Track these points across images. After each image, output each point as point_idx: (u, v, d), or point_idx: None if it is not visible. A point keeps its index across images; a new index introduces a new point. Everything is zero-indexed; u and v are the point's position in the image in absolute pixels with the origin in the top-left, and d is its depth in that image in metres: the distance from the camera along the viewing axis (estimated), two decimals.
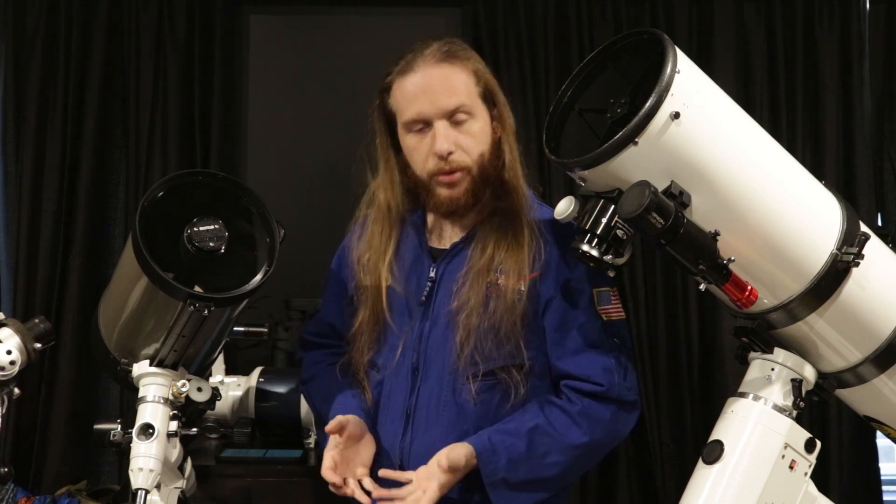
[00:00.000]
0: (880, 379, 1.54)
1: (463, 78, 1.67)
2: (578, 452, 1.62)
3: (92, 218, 2.74)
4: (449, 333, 1.66)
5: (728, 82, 2.63)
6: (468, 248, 1.70)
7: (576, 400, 1.63)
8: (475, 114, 1.67)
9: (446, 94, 1.64)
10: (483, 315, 1.63)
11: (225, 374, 2.41)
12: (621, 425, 1.66)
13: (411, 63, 1.67)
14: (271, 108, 2.95)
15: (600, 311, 1.66)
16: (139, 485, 1.57)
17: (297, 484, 2.19)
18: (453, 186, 1.66)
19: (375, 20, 2.94)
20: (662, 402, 2.72)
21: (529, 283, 1.65)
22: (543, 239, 1.68)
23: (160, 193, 1.59)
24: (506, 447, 1.60)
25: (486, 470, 1.59)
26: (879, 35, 2.81)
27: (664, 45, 1.37)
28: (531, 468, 1.61)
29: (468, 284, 1.66)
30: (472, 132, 1.66)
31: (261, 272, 1.62)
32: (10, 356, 1.75)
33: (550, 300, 1.66)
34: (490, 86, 1.70)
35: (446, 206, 1.69)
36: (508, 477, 1.60)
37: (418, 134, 1.67)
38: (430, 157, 1.65)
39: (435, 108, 1.64)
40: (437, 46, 1.68)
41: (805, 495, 1.49)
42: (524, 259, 1.65)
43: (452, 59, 1.67)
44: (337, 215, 1.88)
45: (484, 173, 1.68)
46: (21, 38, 2.74)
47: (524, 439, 1.61)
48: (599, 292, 1.66)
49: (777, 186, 1.44)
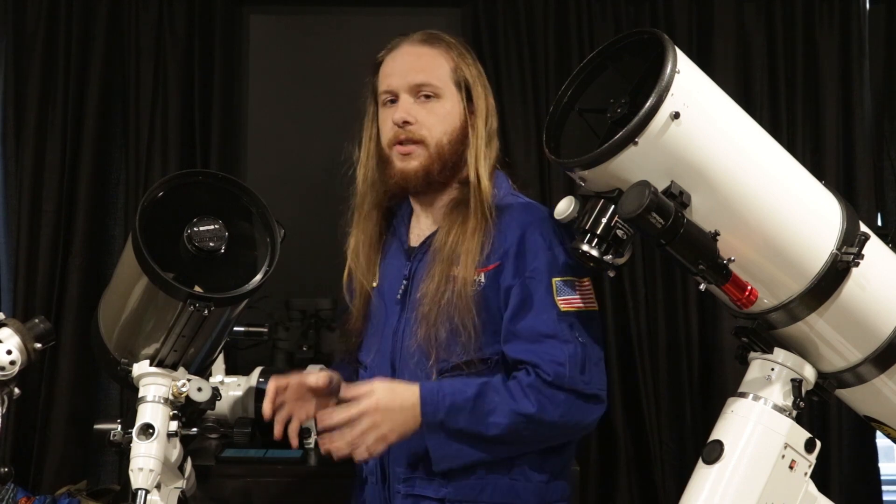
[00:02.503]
0: (880, 379, 1.54)
1: (438, 60, 1.73)
2: (523, 421, 1.59)
3: (92, 218, 2.74)
4: (416, 327, 1.68)
5: (728, 82, 2.62)
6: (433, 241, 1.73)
7: (531, 373, 1.61)
8: (443, 96, 1.71)
9: (415, 70, 1.71)
10: (439, 305, 1.65)
11: (225, 374, 2.41)
12: (577, 412, 1.62)
13: (396, 43, 1.77)
14: (271, 107, 2.95)
15: (559, 300, 1.63)
16: (139, 485, 1.57)
17: (297, 484, 2.19)
18: (406, 159, 1.70)
19: (375, 20, 2.94)
20: (662, 402, 2.71)
21: (490, 273, 1.66)
22: (505, 229, 1.68)
23: (160, 193, 1.59)
24: (452, 391, 1.60)
25: (427, 409, 1.59)
26: (879, 35, 2.81)
27: (664, 45, 1.37)
28: (472, 420, 1.59)
29: (428, 275, 1.68)
30: (437, 112, 1.71)
31: (261, 272, 1.62)
32: (10, 356, 1.75)
33: (510, 289, 1.65)
34: (467, 76, 1.74)
35: (397, 179, 1.72)
36: (447, 421, 1.59)
37: (389, 107, 1.74)
38: (392, 127, 1.71)
39: (402, 82, 1.71)
40: (423, 32, 1.77)
41: (805, 495, 1.49)
42: (478, 249, 1.66)
43: (433, 41, 1.75)
44: (337, 215, 1.88)
45: (441, 155, 1.70)
46: (21, 38, 2.74)
47: (473, 388, 1.60)
48: (560, 281, 1.64)
49: (777, 186, 1.44)
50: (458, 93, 1.72)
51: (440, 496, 1.66)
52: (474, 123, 1.72)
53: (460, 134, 1.72)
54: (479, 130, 1.72)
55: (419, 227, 1.80)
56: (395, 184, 1.73)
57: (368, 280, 1.78)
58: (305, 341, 2.64)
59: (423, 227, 1.79)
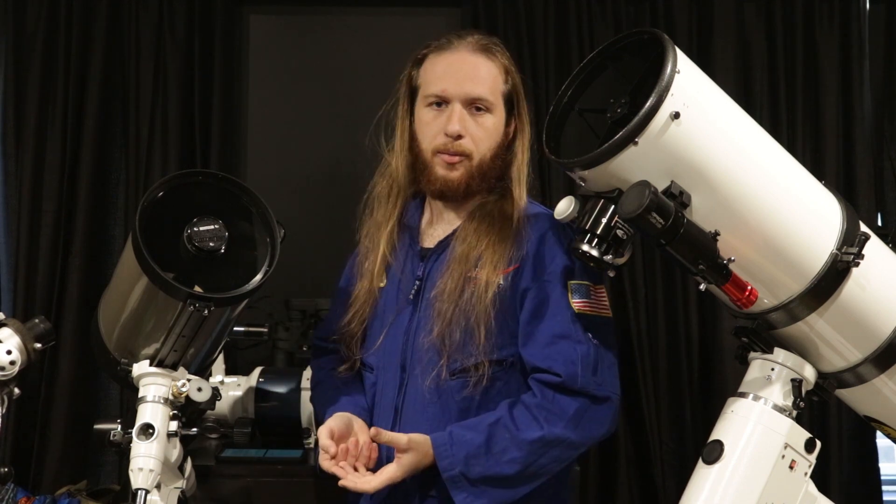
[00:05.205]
0: (880, 379, 1.54)
1: (493, 72, 1.72)
2: (534, 448, 1.58)
3: (92, 218, 2.74)
4: (430, 326, 1.67)
5: (728, 82, 2.63)
6: (452, 243, 1.72)
7: (537, 392, 1.61)
8: (493, 110, 1.71)
9: (473, 81, 1.69)
10: (457, 304, 1.64)
11: (225, 374, 2.41)
12: (589, 422, 1.61)
13: (451, 43, 1.73)
14: (271, 108, 2.95)
15: (573, 303, 1.64)
16: (139, 485, 1.57)
17: (297, 484, 2.19)
18: (451, 168, 1.70)
19: (375, 20, 2.94)
20: (662, 402, 2.72)
21: (508, 276, 1.66)
22: (525, 233, 1.69)
23: (160, 193, 1.59)
24: (464, 441, 1.59)
25: (443, 463, 1.58)
26: (879, 35, 2.81)
27: (664, 45, 1.37)
28: (489, 464, 1.58)
29: (447, 274, 1.68)
30: (486, 125, 1.70)
31: (261, 272, 1.62)
32: (10, 356, 1.75)
33: (526, 290, 1.66)
34: (517, 89, 1.75)
35: (439, 185, 1.71)
36: (466, 472, 1.58)
37: (435, 109, 1.71)
38: (440, 134, 1.69)
39: (458, 91, 1.68)
40: (478, 37, 1.74)
41: (805, 495, 1.49)
42: (504, 253, 1.66)
43: (489, 52, 1.72)
44: (337, 215, 1.88)
45: (483, 168, 1.70)
46: (21, 38, 2.74)
47: (483, 433, 1.59)
48: (575, 285, 1.65)
49: (777, 186, 1.44)
50: (503, 106, 1.73)
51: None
52: (522, 139, 1.74)
53: (501, 148, 1.73)
54: (525, 145, 1.74)
55: (433, 228, 1.79)
56: (436, 189, 1.72)
57: (377, 280, 1.76)
58: (305, 341, 2.64)
59: (439, 229, 1.78)
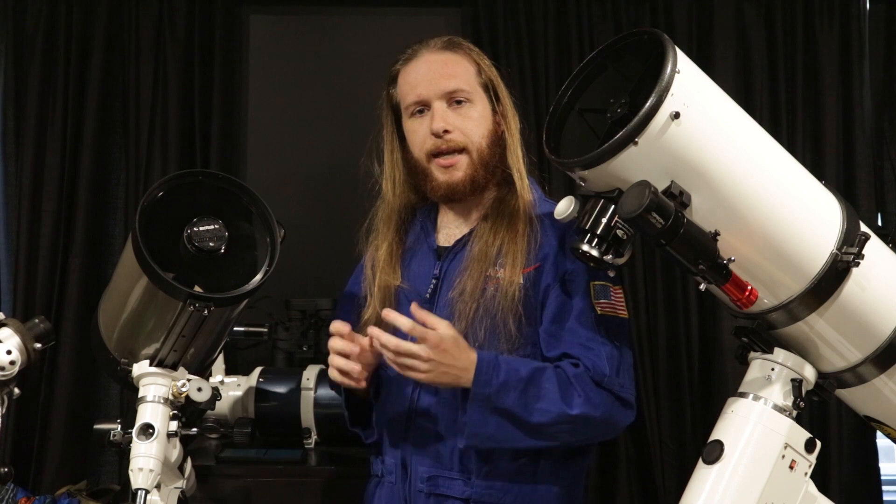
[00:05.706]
0: (880, 379, 1.54)
1: (463, 65, 1.72)
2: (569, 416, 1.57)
3: (92, 218, 2.74)
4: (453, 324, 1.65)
5: (728, 82, 2.63)
6: (470, 242, 1.71)
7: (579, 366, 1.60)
8: (474, 100, 1.71)
9: (445, 77, 1.69)
10: (479, 304, 1.64)
11: (225, 374, 2.41)
12: (613, 415, 1.62)
13: (415, 52, 1.74)
14: (271, 108, 2.95)
15: (595, 304, 1.64)
16: (139, 485, 1.57)
17: (297, 484, 2.19)
18: (451, 171, 1.69)
19: (375, 20, 2.94)
20: (662, 401, 2.72)
21: (530, 274, 1.66)
22: (543, 232, 1.68)
23: (160, 193, 1.59)
24: (507, 368, 1.57)
25: (479, 379, 1.56)
26: (879, 35, 2.81)
27: (664, 45, 1.37)
28: (520, 402, 1.57)
29: (466, 274, 1.67)
30: (471, 116, 1.70)
31: (261, 272, 1.62)
32: (10, 356, 1.75)
33: (548, 288, 1.66)
34: (493, 80, 1.73)
35: (444, 191, 1.71)
36: (494, 397, 1.56)
37: (418, 117, 1.71)
38: (427, 137, 1.69)
39: (434, 89, 1.69)
40: (442, 38, 1.75)
41: (805, 495, 1.49)
42: (522, 251, 1.66)
43: (454, 47, 1.73)
44: (337, 215, 1.89)
45: (483, 160, 1.70)
46: (21, 38, 2.74)
47: (527, 369, 1.58)
48: (597, 285, 1.66)
49: (777, 186, 1.44)
50: (485, 95, 1.72)
51: (465, 496, 1.65)
52: (507, 124, 1.73)
53: (494, 136, 1.72)
54: (513, 130, 1.72)
55: (448, 227, 1.78)
56: (441, 195, 1.72)
57: (394, 280, 1.75)
58: (305, 341, 2.64)
59: (454, 227, 1.78)
